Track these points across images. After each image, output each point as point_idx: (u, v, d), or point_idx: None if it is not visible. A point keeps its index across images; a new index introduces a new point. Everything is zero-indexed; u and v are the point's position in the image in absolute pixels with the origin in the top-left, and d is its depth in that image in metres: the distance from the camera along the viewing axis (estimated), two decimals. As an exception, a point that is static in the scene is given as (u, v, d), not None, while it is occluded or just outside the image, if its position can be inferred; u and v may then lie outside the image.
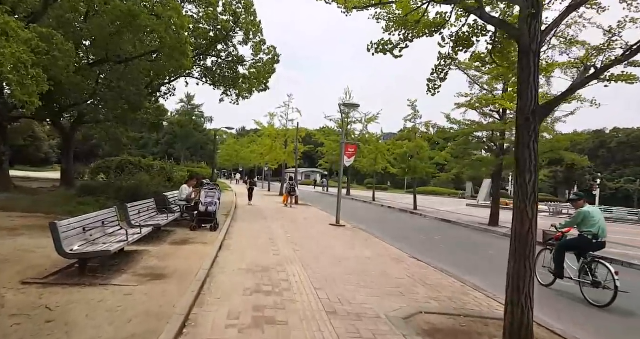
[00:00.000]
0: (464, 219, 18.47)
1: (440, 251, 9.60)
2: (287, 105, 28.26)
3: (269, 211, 15.74)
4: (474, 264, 8.15)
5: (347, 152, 12.45)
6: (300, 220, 13.20)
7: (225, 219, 11.35)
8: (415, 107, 23.66)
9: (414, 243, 10.32)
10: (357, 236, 10.17)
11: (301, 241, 8.60)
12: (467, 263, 8.12)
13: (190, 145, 45.52)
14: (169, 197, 9.02)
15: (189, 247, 6.67)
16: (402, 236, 11.68)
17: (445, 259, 8.29)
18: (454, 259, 8.40)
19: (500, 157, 15.26)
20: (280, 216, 14.06)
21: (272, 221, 12.32)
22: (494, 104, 16.00)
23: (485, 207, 29.00)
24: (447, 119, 18.30)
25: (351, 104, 11.92)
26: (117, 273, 4.71)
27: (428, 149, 23.86)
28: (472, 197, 47.99)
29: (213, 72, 15.69)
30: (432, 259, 7.84)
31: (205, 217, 8.63)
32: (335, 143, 37.25)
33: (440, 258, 8.20)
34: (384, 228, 13.31)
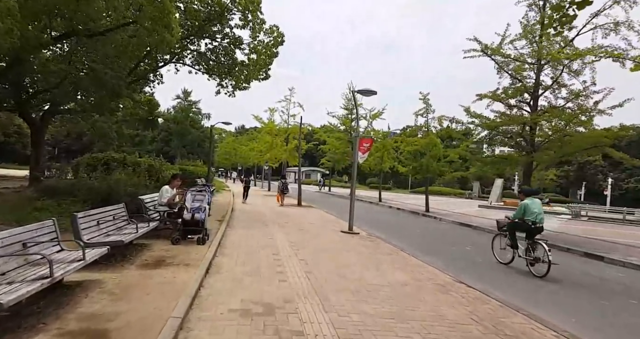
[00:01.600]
0: (485, 223, 16.70)
1: (482, 268, 7.81)
2: (289, 99, 26.40)
3: (269, 213, 13.94)
4: (533, 288, 6.37)
5: (361, 147, 10.65)
6: (305, 225, 11.41)
7: (219, 225, 9.54)
8: (428, 100, 21.92)
9: (447, 257, 8.53)
10: (378, 249, 8.37)
11: (312, 257, 6.80)
12: (527, 287, 6.34)
13: (186, 142, 43.64)
14: (147, 202, 7.21)
15: (164, 273, 4.87)
16: (428, 246, 9.89)
17: (496, 280, 6.51)
18: (506, 280, 6.62)
19: (532, 155, 13.49)
20: (282, 220, 12.26)
21: (273, 226, 10.52)
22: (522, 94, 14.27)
23: (499, 209, 27.33)
24: (467, 112, 16.55)
25: (367, 90, 10.03)
26: (30, 330, 2.90)
27: (441, 146, 22.10)
28: (479, 197, 46.30)
29: (207, 58, 13.85)
30: (483, 282, 6.07)
31: (191, 227, 6.83)
32: (338, 141, 35.48)
33: (491, 280, 6.42)
34: (403, 236, 11.52)
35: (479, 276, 6.69)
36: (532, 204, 7.43)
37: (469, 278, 6.29)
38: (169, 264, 5.30)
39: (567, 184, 47.12)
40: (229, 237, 8.25)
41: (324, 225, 11.91)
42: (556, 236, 13.44)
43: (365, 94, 10.55)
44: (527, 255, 7.33)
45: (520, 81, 13.74)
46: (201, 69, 14.77)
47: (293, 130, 26.79)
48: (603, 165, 40.79)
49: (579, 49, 12.44)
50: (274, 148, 26.33)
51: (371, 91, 10.48)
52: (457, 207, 27.36)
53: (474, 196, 46.00)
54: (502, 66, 13.70)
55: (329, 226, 11.86)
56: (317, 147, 47.16)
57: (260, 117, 26.97)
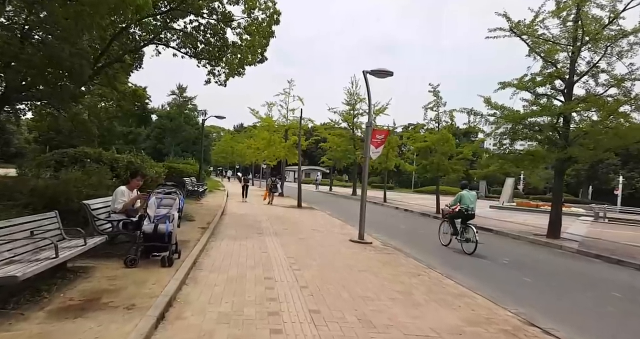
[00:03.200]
0: (507, 226, 14.94)
1: (538, 292, 6.02)
2: (287, 93, 24.61)
3: (265, 218, 12.13)
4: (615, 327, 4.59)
5: (373, 140, 8.86)
6: (307, 232, 9.61)
7: (201, 235, 7.73)
8: (438, 93, 20.16)
9: (488, 276, 6.75)
10: (401, 266, 6.57)
11: (319, 284, 5.00)
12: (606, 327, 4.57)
13: (180, 140, 41.74)
14: (98, 207, 5.39)
15: (82, 328, 3.05)
16: (458, 260, 8.10)
17: (572, 319, 4.74)
18: (579, 317, 4.85)
19: (566, 150, 11.70)
20: (280, 226, 10.46)
21: (269, 235, 8.72)
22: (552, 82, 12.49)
23: (512, 210, 25.60)
24: (487, 103, 14.76)
25: (381, 71, 8.21)
26: None
27: (454, 142, 20.32)
28: (485, 197, 44.56)
29: (193, 38, 12.03)
30: (556, 319, 4.29)
31: (153, 243, 5.03)
32: (339, 138, 33.66)
33: (565, 318, 4.65)
34: (422, 245, 9.73)
35: (544, 309, 4.91)
36: (467, 195, 9.20)
37: (542, 316, 4.50)
38: (102, 307, 3.47)
39: (577, 183, 45.36)
40: (209, 253, 6.44)
41: (328, 232, 10.11)
42: (595, 244, 11.66)
43: (380, 75, 8.74)
44: (461, 237, 9.02)
45: (555, 65, 11.94)
46: (188, 52, 12.91)
47: (292, 125, 24.99)
48: (616, 163, 39.03)
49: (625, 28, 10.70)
50: (272, 145, 24.50)
51: (386, 72, 8.68)
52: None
53: (480, 195, 44.22)
54: (534, 48, 11.89)
55: (335, 232, 10.06)
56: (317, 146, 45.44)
57: (257, 112, 25.11)
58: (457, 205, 9.21)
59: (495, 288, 5.77)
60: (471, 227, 8.77)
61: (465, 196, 9.13)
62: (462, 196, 9.20)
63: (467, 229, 8.86)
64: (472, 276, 6.51)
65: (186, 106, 46.51)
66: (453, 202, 9.39)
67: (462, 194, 9.24)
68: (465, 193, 9.20)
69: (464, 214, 8.99)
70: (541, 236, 12.56)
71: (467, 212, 8.94)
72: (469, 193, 9.27)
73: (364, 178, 9.05)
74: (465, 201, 9.02)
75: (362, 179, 9.09)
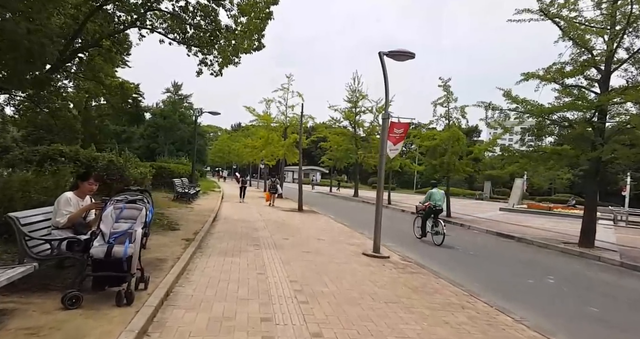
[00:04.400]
0: (528, 233, 13.58)
1: (625, 334, 4.64)
2: (286, 88, 23.18)
3: (263, 224, 10.70)
4: None
5: (391, 135, 7.47)
6: (312, 243, 8.21)
7: (184, 249, 6.31)
8: (449, 87, 18.80)
9: (545, 304, 5.36)
10: (437, 293, 5.17)
11: (340, 332, 3.60)
12: None
13: (175, 139, 40.16)
14: (33, 221, 3.94)
15: None
16: (496, 279, 6.72)
17: None
18: None
19: (602, 148, 10.36)
20: (280, 235, 9.04)
21: (267, 248, 7.30)
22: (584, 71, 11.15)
23: (524, 213, 24.25)
24: (507, 97, 13.43)
25: (400, 52, 6.82)
26: None
27: (466, 141, 18.96)
28: (490, 198, 43.29)
29: (181, 21, 10.60)
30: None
31: (105, 273, 3.61)
32: (341, 137, 32.27)
33: None
34: (445, 258, 8.33)
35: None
36: (436, 193, 10.21)
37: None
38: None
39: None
40: (190, 277, 5.03)
41: (336, 242, 8.70)
42: (638, 254, 10.25)
43: (398, 57, 7.35)
44: (432, 230, 9.96)
45: (590, 52, 10.59)
46: (176, 38, 11.48)
47: (292, 123, 23.58)
48: (626, 164, 37.70)
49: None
50: (270, 144, 23.08)
51: (406, 53, 7.28)
52: (477, 210, 24.26)
53: (485, 197, 42.97)
54: (568, 32, 10.53)
55: (344, 243, 8.66)
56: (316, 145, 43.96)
57: (254, 109, 23.67)
58: (428, 202, 10.24)
59: (568, 326, 4.38)
60: (440, 221, 9.86)
61: (434, 193, 10.29)
62: (431, 193, 10.30)
63: (437, 223, 9.90)
64: (527, 304, 5.13)
65: (181, 103, 44.93)
66: (425, 200, 10.44)
67: (432, 192, 10.36)
68: (434, 191, 10.38)
69: (433, 210, 10.07)
70: (572, 244, 11.21)
71: (435, 208, 10.04)
72: (438, 191, 10.42)
73: (380, 180, 7.65)
74: (434, 198, 10.17)
75: (378, 181, 7.69)
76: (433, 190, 10.41)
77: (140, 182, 12.75)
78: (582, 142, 11.34)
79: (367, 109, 30.48)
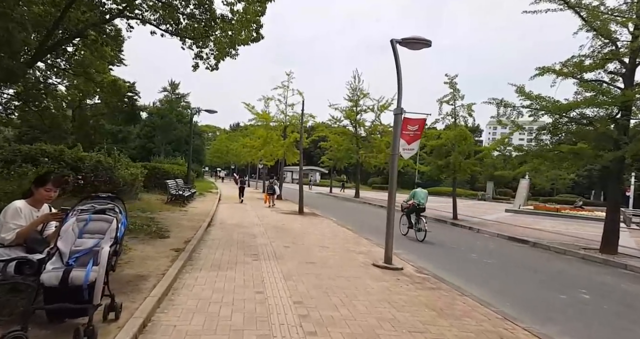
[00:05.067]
0: (541, 237, 12.84)
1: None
2: (286, 86, 22.39)
3: (261, 229, 9.92)
4: None
5: (404, 133, 6.70)
6: (316, 252, 7.43)
7: (171, 263, 5.52)
8: (455, 84, 18.04)
9: (584, 325, 4.61)
10: (469, 319, 4.39)
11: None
12: None
13: (172, 138, 39.25)
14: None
15: None
16: (521, 292, 5.94)
17: None
18: None
19: (625, 148, 9.62)
20: (281, 241, 8.26)
21: (267, 260, 6.52)
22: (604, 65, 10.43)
23: (531, 214, 23.46)
24: (520, 93, 12.70)
25: (415, 39, 6.04)
26: None
27: (473, 140, 18.22)
28: (493, 198, 42.59)
29: (173, 10, 9.82)
30: None
31: (61, 304, 2.84)
32: (341, 136, 31.47)
33: None
34: (462, 266, 7.57)
35: None
36: (419, 192, 10.86)
37: None
38: None
39: (589, 184, 43.41)
40: (176, 300, 4.24)
41: (343, 250, 7.92)
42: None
43: (413, 45, 6.59)
44: (415, 227, 10.54)
45: (614, 44, 9.85)
46: (169, 29, 10.68)
47: (292, 122, 22.80)
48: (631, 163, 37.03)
49: None
50: (269, 143, 22.29)
51: (422, 41, 6.52)
52: (483, 212, 23.52)
53: (487, 197, 42.27)
54: (590, 22, 9.78)
55: (351, 251, 7.88)
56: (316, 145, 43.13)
57: (253, 106, 22.86)
58: (412, 200, 10.81)
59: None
60: (422, 218, 10.48)
61: (417, 192, 10.91)
62: (415, 193, 10.94)
63: (419, 221, 10.50)
64: (572, 329, 4.37)
65: (178, 103, 44.04)
66: (409, 198, 11.03)
67: (416, 191, 11.01)
68: (418, 190, 11.01)
69: (416, 208, 10.63)
70: (592, 250, 10.46)
71: (419, 206, 10.61)
72: (421, 191, 11.03)
73: (392, 182, 6.86)
74: (418, 197, 10.75)
75: (389, 182, 6.90)
76: (417, 190, 11.11)
77: (130, 184, 11.97)
78: (604, 141, 10.60)
79: (369, 108, 29.70)
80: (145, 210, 10.76)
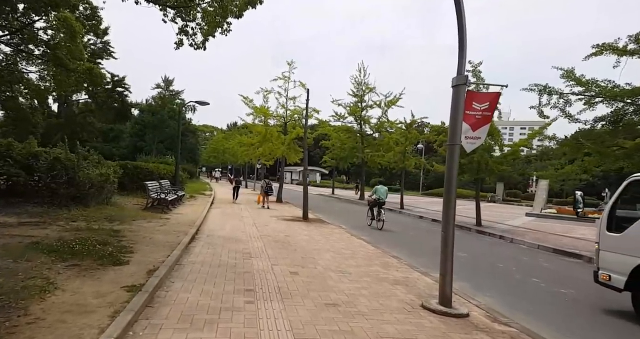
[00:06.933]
0: (582, 247, 10.70)
1: None
2: (287, 77, 20.24)
3: (259, 243, 7.74)
4: None
5: (468, 114, 4.58)
6: (335, 282, 5.29)
7: (116, 312, 3.36)
8: (479, 73, 15.94)
9: None
10: None
11: None
12: None
13: (164, 136, 36.95)
14: None
15: None
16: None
17: None
18: None
19: None
20: (284, 263, 6.12)
21: (267, 300, 4.38)
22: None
23: (556, 219, 21.26)
24: (568, 77, 10.69)
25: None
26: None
27: (501, 136, 16.13)
28: (503, 200, 40.54)
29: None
30: None
31: None
32: (345, 134, 29.35)
33: None
34: (537, 303, 5.41)
35: None
36: (380, 188, 12.53)
37: None
38: None
39: (605, 184, 41.39)
40: None
41: (372, 278, 5.76)
42: None
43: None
44: (377, 217, 12.36)
45: None
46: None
47: (293, 116, 20.66)
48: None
49: None
50: (268, 140, 20.15)
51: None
52: (501, 216, 21.43)
53: (497, 199, 40.21)
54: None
55: (383, 279, 5.72)
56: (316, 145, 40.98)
57: (251, 99, 20.68)
58: (374, 196, 12.37)
59: None
60: (382, 211, 12.25)
61: (378, 189, 12.43)
62: (376, 189, 12.48)
63: (380, 213, 12.20)
64: None
65: (173, 100, 41.79)
66: (371, 194, 12.63)
67: (377, 188, 12.54)
68: (379, 187, 12.53)
69: (377, 202, 12.26)
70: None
71: (379, 201, 12.19)
72: (382, 187, 12.55)
73: (450, 186, 4.72)
74: (378, 193, 12.28)
75: (445, 187, 4.77)
76: (378, 186, 12.69)
77: (100, 186, 9.78)
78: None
79: (375, 103, 27.55)
80: (114, 219, 8.59)
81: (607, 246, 5.45)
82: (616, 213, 5.48)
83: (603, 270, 5.42)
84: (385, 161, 25.46)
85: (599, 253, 5.56)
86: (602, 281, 5.41)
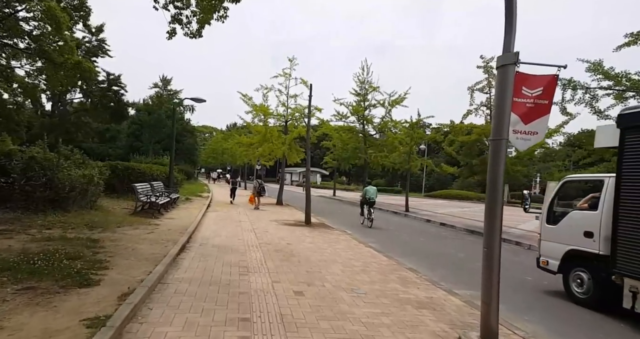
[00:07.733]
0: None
1: None
2: (288, 74, 19.36)
3: (257, 253, 6.83)
4: None
5: (518, 102, 3.64)
6: (348, 305, 4.39)
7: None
8: (491, 69, 15.10)
9: None
10: None
11: None
12: None
13: (161, 137, 35.99)
14: None
15: None
16: None
17: None
18: None
19: None
20: (287, 280, 5.21)
21: (267, 333, 3.47)
22: None
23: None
24: (596, 71, 9.85)
25: None
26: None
27: (514, 135, 15.22)
28: (508, 202, 39.57)
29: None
30: None
31: None
32: (348, 134, 28.41)
33: None
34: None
35: None
36: (369, 189, 13.54)
37: None
38: None
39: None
40: None
41: (391, 299, 4.85)
42: None
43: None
44: (367, 216, 13.10)
45: None
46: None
47: (293, 114, 19.77)
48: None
49: None
50: (268, 140, 19.25)
51: None
52: (512, 219, 20.51)
53: (502, 201, 39.26)
54: None
55: (405, 302, 4.80)
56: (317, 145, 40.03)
57: (251, 97, 19.79)
58: (363, 195, 13.46)
59: None
60: (372, 210, 13.11)
61: (368, 189, 13.50)
62: (366, 190, 13.53)
63: (370, 212, 13.07)
64: None
65: (170, 100, 40.89)
66: (362, 194, 13.64)
67: (367, 188, 13.66)
68: (368, 188, 13.67)
69: (367, 201, 13.17)
70: None
71: (369, 200, 13.08)
72: (372, 188, 13.70)
73: (495, 190, 3.86)
74: (368, 193, 13.27)
75: (488, 190, 3.90)
76: (368, 187, 13.71)
77: (82, 189, 8.86)
78: None
79: (379, 102, 26.63)
80: (96, 226, 7.67)
81: (546, 236, 6.31)
82: (553, 209, 6.28)
83: (543, 256, 6.34)
84: (389, 161, 24.53)
85: (540, 243, 6.45)
86: (542, 266, 6.31)
